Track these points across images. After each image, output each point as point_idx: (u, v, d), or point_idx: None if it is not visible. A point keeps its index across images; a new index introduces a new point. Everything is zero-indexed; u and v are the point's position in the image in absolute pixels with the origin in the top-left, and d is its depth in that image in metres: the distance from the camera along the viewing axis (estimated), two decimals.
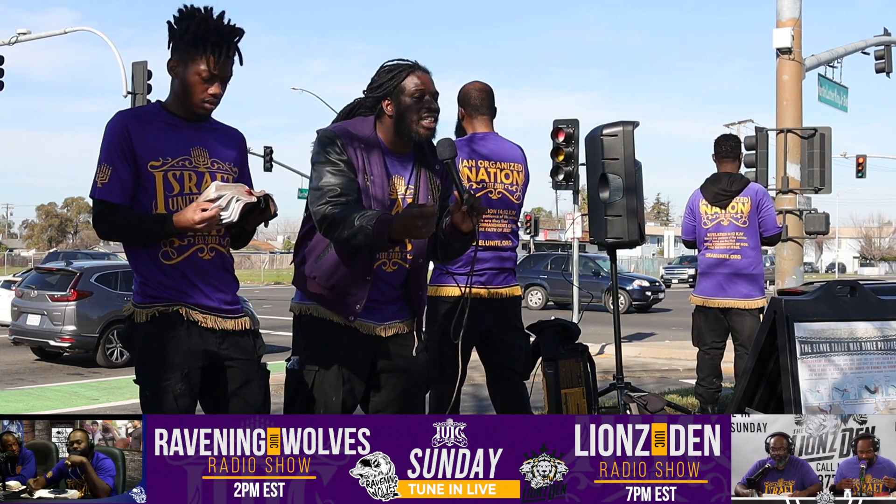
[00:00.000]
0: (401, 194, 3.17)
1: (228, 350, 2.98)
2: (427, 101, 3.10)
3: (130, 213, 2.86)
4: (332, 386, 3.16)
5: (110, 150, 2.84)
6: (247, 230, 3.03)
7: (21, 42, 21.51)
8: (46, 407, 8.67)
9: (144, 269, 2.90)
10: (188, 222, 2.76)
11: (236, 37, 2.92)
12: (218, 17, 2.89)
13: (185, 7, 2.90)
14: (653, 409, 5.54)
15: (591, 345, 7.37)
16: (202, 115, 2.96)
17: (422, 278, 3.30)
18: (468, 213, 3.01)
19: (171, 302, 2.88)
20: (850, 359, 3.92)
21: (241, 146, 3.12)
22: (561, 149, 11.42)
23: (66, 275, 12.51)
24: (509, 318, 4.42)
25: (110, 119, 2.90)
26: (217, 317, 2.95)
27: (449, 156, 3.05)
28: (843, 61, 13.80)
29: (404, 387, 3.29)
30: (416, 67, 3.14)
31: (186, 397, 2.86)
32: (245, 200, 2.81)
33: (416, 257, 3.23)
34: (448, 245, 3.21)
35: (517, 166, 4.41)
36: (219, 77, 2.89)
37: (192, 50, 2.85)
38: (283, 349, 13.67)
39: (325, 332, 3.18)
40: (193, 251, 2.90)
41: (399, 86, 3.10)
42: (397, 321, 3.26)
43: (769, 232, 6.30)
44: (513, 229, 4.44)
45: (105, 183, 2.84)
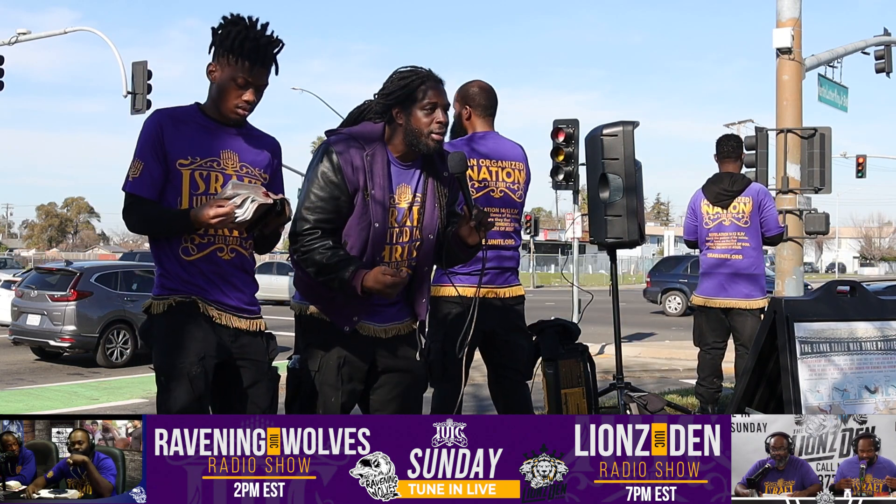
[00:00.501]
0: (408, 202, 3.17)
1: (240, 349, 3.02)
2: (437, 115, 3.08)
3: (157, 207, 2.94)
4: (332, 386, 3.16)
5: (144, 147, 2.94)
6: (265, 234, 3.08)
7: (21, 42, 21.48)
8: (46, 407, 8.67)
9: (166, 262, 2.98)
10: (204, 218, 2.82)
11: (275, 48, 2.97)
12: (261, 27, 2.95)
13: (230, 14, 2.97)
14: (653, 409, 5.53)
15: (591, 345, 7.37)
16: (236, 120, 3.01)
17: (425, 284, 3.31)
18: (476, 229, 3.04)
19: (188, 294, 2.95)
20: (850, 359, 3.92)
21: (274, 153, 3.17)
22: (561, 149, 11.42)
23: (66, 275, 12.51)
24: (512, 319, 4.41)
25: (148, 117, 3.00)
26: (232, 315, 3.00)
27: (460, 170, 3.06)
28: (843, 61, 13.78)
29: (403, 387, 3.30)
30: (430, 78, 3.10)
31: (201, 381, 2.89)
32: (260, 201, 2.85)
33: (421, 264, 3.24)
34: (453, 254, 3.24)
35: (519, 165, 4.41)
36: (253, 84, 2.96)
37: (229, 56, 2.92)
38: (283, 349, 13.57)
39: (325, 332, 3.18)
40: (213, 250, 2.97)
41: (411, 96, 3.07)
42: (397, 323, 3.26)
43: (771, 232, 6.30)
44: (515, 228, 4.43)
45: (136, 177, 2.93)
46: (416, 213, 3.18)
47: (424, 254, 3.23)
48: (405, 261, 3.18)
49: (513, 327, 4.41)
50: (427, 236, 3.20)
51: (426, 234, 3.20)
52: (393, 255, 3.15)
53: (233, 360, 3.00)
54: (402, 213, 3.16)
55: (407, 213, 3.16)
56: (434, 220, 3.21)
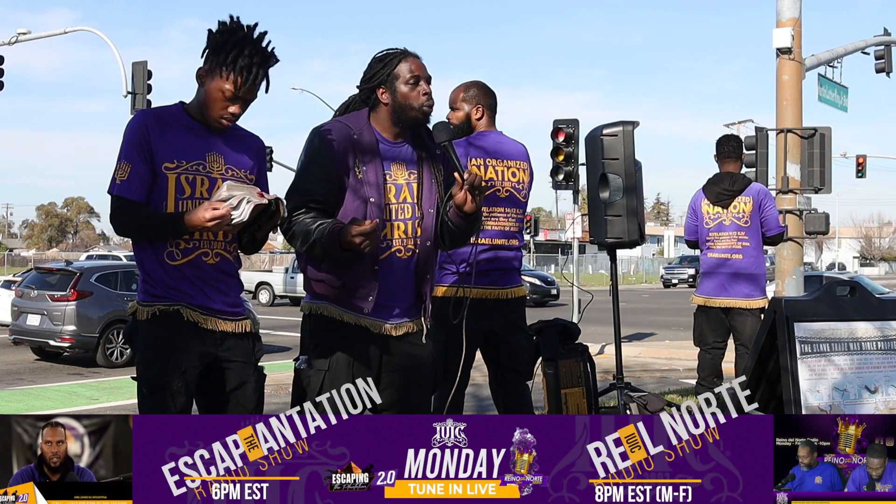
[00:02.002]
0: (404, 178, 3.18)
1: (227, 352, 2.99)
2: (423, 87, 3.13)
3: (146, 210, 2.89)
4: (342, 385, 3.15)
5: (130, 148, 2.88)
6: (257, 237, 3.05)
7: (21, 42, 21.49)
8: (46, 407, 8.67)
9: (149, 267, 2.92)
10: (199, 221, 2.77)
11: (268, 64, 2.92)
12: (258, 38, 2.89)
13: (230, 18, 2.90)
14: (653, 409, 5.53)
15: (591, 345, 7.36)
16: (218, 128, 2.98)
17: (431, 264, 3.28)
18: (470, 192, 3.02)
19: (173, 302, 2.90)
20: (850, 359, 3.92)
21: (259, 154, 3.13)
22: (561, 149, 11.43)
23: (66, 275, 12.51)
24: (514, 319, 4.41)
25: (132, 118, 2.95)
26: (218, 318, 2.97)
27: (445, 138, 3.07)
28: (843, 61, 13.78)
29: (410, 387, 3.28)
30: (408, 53, 3.17)
31: (182, 395, 2.88)
32: (256, 202, 2.82)
33: (425, 241, 3.22)
34: (454, 230, 3.20)
35: (523, 164, 4.41)
36: (241, 99, 2.92)
37: (222, 69, 2.87)
38: (284, 349, 13.66)
39: (335, 331, 3.17)
40: (198, 255, 2.93)
41: (393, 72, 3.12)
42: (407, 320, 3.25)
43: (772, 232, 6.30)
44: (518, 228, 4.43)
45: (124, 180, 2.87)
46: (414, 189, 3.20)
47: (427, 230, 3.22)
48: (411, 238, 3.18)
49: (514, 327, 4.41)
50: (427, 210, 3.21)
51: (426, 208, 3.21)
52: (396, 233, 3.15)
53: (219, 363, 2.98)
54: (400, 189, 3.17)
55: (405, 189, 3.17)
56: (432, 195, 3.22)
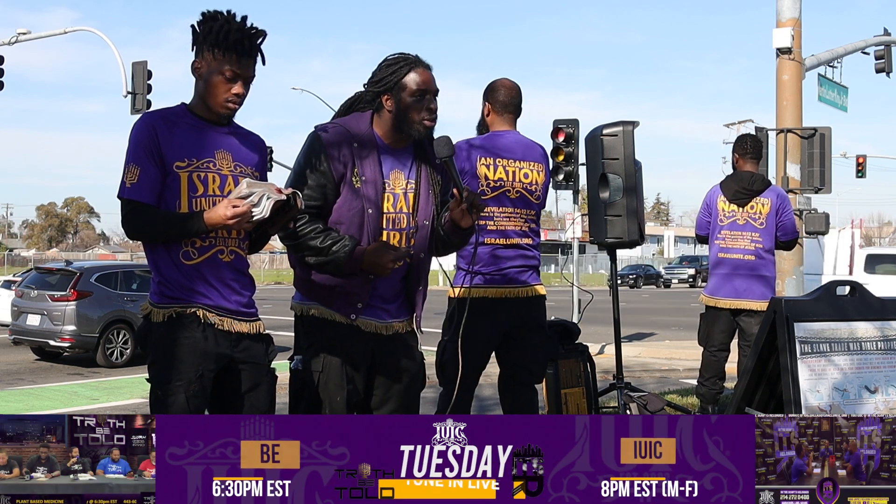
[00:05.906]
0: (402, 188, 3.18)
1: (241, 353, 2.99)
2: (427, 101, 3.10)
3: (158, 212, 2.88)
4: (336, 385, 3.16)
5: (138, 151, 2.87)
6: (269, 233, 3.05)
7: (21, 42, 21.46)
8: (46, 407, 8.66)
9: (164, 269, 2.91)
10: (220, 218, 2.77)
11: (259, 38, 2.95)
12: (241, 20, 2.92)
13: (207, 11, 2.93)
14: (653, 409, 5.54)
15: (591, 345, 7.37)
16: (225, 116, 2.98)
17: (422, 273, 3.30)
18: (468, 210, 3.02)
19: (188, 303, 2.89)
20: (850, 359, 3.92)
21: (262, 152, 3.14)
22: (561, 149, 11.41)
23: (66, 275, 12.51)
24: (534, 317, 4.33)
25: (137, 120, 2.94)
26: (233, 319, 2.96)
27: (446, 154, 3.05)
28: (843, 61, 13.79)
29: (402, 385, 3.30)
30: (419, 63, 3.13)
31: (199, 398, 2.87)
32: (276, 198, 2.82)
33: (418, 252, 3.24)
34: (447, 240, 3.24)
35: (538, 165, 4.32)
36: (241, 76, 2.92)
37: (214, 50, 2.88)
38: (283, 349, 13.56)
39: (327, 331, 3.18)
40: (214, 252, 2.92)
41: (400, 82, 3.10)
42: (398, 320, 3.27)
43: (787, 236, 6.16)
44: (532, 228, 4.34)
45: (134, 183, 2.86)
46: (411, 200, 3.20)
47: (421, 242, 3.23)
48: (403, 247, 3.19)
49: (532, 326, 4.32)
50: (422, 222, 3.21)
51: (421, 220, 3.21)
52: (391, 242, 3.16)
53: (234, 364, 2.98)
54: (398, 198, 3.17)
55: (402, 199, 3.17)
56: (429, 207, 3.22)
